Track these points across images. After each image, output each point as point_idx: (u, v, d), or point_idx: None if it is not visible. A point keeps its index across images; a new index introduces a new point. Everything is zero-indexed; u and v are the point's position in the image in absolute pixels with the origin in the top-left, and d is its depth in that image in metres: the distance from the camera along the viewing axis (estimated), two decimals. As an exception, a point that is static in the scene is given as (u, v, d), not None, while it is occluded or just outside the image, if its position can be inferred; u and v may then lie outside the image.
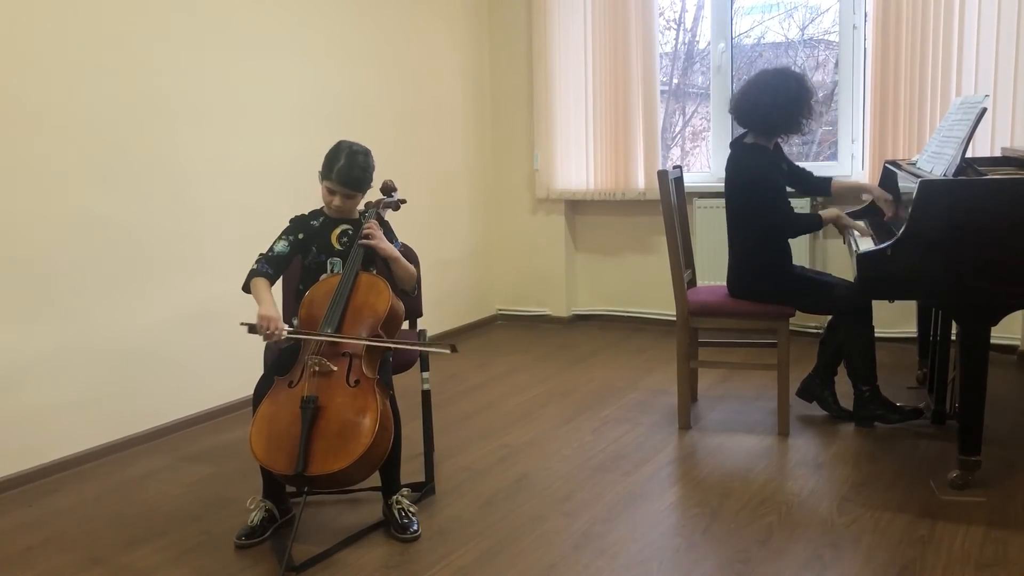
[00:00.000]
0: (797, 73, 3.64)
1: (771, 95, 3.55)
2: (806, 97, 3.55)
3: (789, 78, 3.57)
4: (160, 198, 3.85)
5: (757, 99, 3.58)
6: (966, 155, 3.09)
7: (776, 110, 3.55)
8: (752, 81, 3.68)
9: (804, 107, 3.55)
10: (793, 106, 3.54)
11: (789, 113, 3.55)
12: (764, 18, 5.57)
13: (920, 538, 2.70)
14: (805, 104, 3.55)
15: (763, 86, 3.59)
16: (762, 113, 3.58)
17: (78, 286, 3.57)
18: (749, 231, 3.67)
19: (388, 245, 2.98)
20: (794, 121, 3.58)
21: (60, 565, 2.76)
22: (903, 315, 4.59)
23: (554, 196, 5.77)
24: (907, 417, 3.60)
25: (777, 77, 3.59)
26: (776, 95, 3.54)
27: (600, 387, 4.44)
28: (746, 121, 3.66)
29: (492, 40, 5.88)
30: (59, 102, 3.47)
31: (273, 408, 2.72)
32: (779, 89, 3.54)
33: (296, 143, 4.38)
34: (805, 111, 3.56)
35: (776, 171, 3.64)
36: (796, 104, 3.54)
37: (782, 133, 3.66)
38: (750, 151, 3.66)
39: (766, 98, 3.55)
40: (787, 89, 3.54)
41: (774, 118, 3.57)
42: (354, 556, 2.73)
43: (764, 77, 3.63)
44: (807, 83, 3.59)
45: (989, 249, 2.82)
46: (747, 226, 3.67)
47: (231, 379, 4.08)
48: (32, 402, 3.44)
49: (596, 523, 2.91)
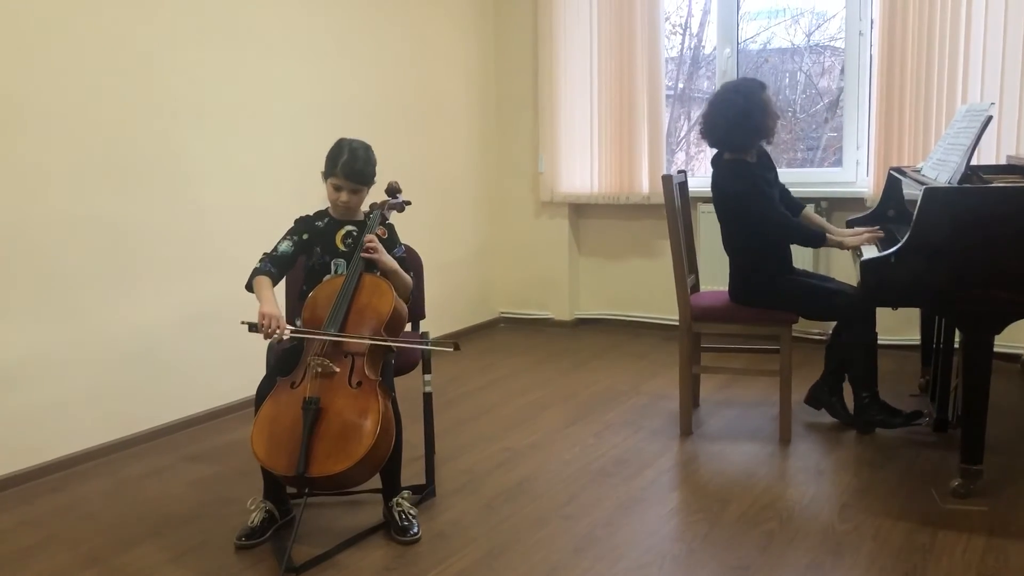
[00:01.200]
0: (748, 84, 3.62)
1: (722, 114, 3.58)
2: (755, 109, 3.54)
3: (737, 92, 3.57)
4: (164, 198, 3.86)
5: (714, 120, 3.61)
6: (971, 163, 3.09)
7: (732, 127, 3.56)
8: (708, 102, 3.72)
9: (756, 118, 3.54)
10: (745, 120, 3.54)
11: (744, 127, 3.55)
12: (770, 23, 5.57)
13: (921, 546, 2.69)
14: (757, 115, 3.54)
15: (716, 104, 3.63)
16: (720, 133, 3.61)
17: (81, 285, 3.57)
18: (745, 243, 3.66)
19: (389, 259, 2.98)
20: (754, 132, 3.57)
21: (60, 564, 2.76)
22: (906, 322, 4.58)
23: (558, 199, 5.77)
24: (908, 420, 3.59)
25: (728, 94, 3.61)
26: (727, 112, 3.56)
27: (602, 391, 4.44)
28: (711, 141, 3.68)
29: (498, 42, 5.89)
30: (63, 101, 3.48)
31: (275, 409, 2.72)
32: (729, 105, 3.56)
33: (300, 144, 4.38)
34: (760, 120, 3.55)
35: (760, 182, 3.60)
36: (747, 117, 3.53)
37: (751, 145, 3.63)
38: (729, 167, 3.64)
39: (719, 118, 3.59)
40: (734, 104, 3.54)
41: (733, 135, 3.58)
42: (354, 558, 2.73)
43: (714, 97, 3.69)
44: (757, 93, 3.56)
45: (993, 257, 2.82)
46: (742, 239, 3.66)
47: (233, 379, 4.09)
48: (34, 400, 3.45)
49: (596, 527, 2.90)
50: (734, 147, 3.62)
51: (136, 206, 3.75)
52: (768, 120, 3.57)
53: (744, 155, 3.63)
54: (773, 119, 3.59)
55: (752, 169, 3.62)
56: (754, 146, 3.64)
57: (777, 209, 3.62)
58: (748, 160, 3.63)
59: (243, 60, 4.17)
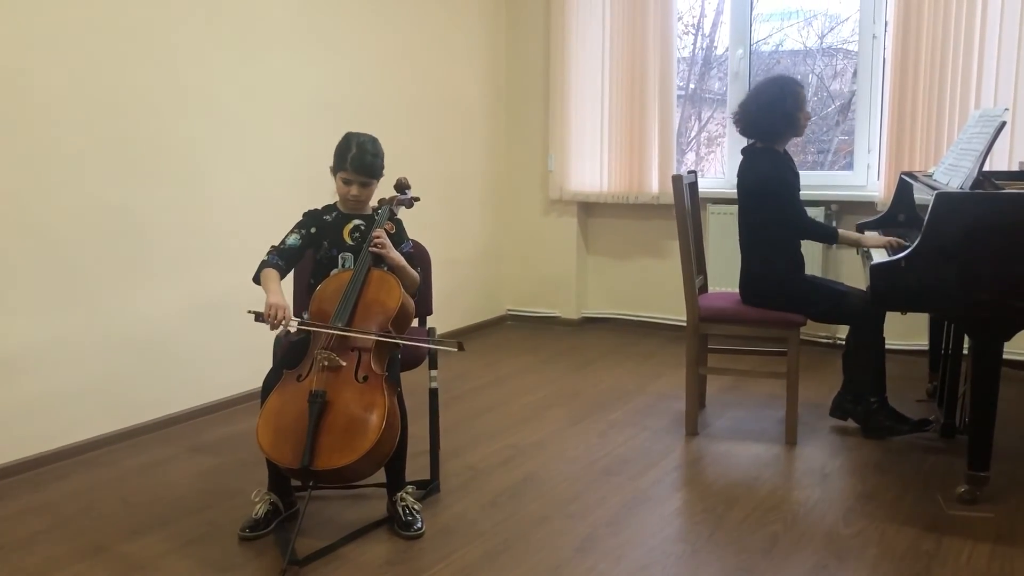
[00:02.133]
0: (783, 78, 3.74)
1: (756, 99, 3.70)
2: (788, 97, 3.63)
3: (773, 84, 3.71)
4: (174, 189, 3.87)
5: (747, 105, 3.72)
6: (983, 168, 3.07)
7: (762, 115, 3.65)
8: (746, 95, 3.85)
9: (788, 109, 3.62)
10: (778, 105, 3.62)
11: (776, 113, 3.63)
12: (783, 25, 5.55)
13: (926, 552, 2.68)
14: (789, 105, 3.62)
15: (751, 97, 3.76)
16: (752, 120, 3.69)
17: (88, 275, 3.58)
18: (763, 236, 3.66)
19: (396, 254, 2.98)
20: (782, 120, 3.64)
21: (64, 552, 2.77)
22: (915, 327, 4.56)
23: (567, 198, 5.76)
24: (915, 428, 3.59)
25: (763, 84, 3.77)
26: (760, 98, 3.67)
27: (608, 390, 4.43)
28: (743, 129, 3.75)
29: (509, 38, 5.88)
30: (73, 92, 3.48)
31: (281, 401, 2.72)
32: (763, 95, 3.67)
33: (309, 137, 4.38)
34: (790, 112, 3.63)
35: (788, 172, 3.67)
36: (780, 102, 3.62)
37: (779, 137, 3.69)
38: (760, 153, 3.69)
39: (754, 108, 3.68)
40: (768, 91, 3.66)
41: (763, 123, 3.66)
42: (357, 552, 2.73)
43: (752, 89, 3.87)
44: (792, 86, 3.66)
45: (1004, 263, 2.80)
46: (762, 231, 3.67)
47: (240, 371, 4.09)
48: (41, 389, 3.46)
49: (600, 526, 2.90)
50: (763, 133, 3.68)
51: (145, 197, 3.76)
52: (799, 112, 3.65)
53: (774, 146, 3.68)
54: (804, 114, 3.68)
55: (782, 159, 3.69)
56: (783, 136, 3.70)
57: (797, 199, 3.67)
58: (778, 151, 3.69)
59: (253, 53, 4.17)
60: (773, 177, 3.62)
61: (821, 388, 4.20)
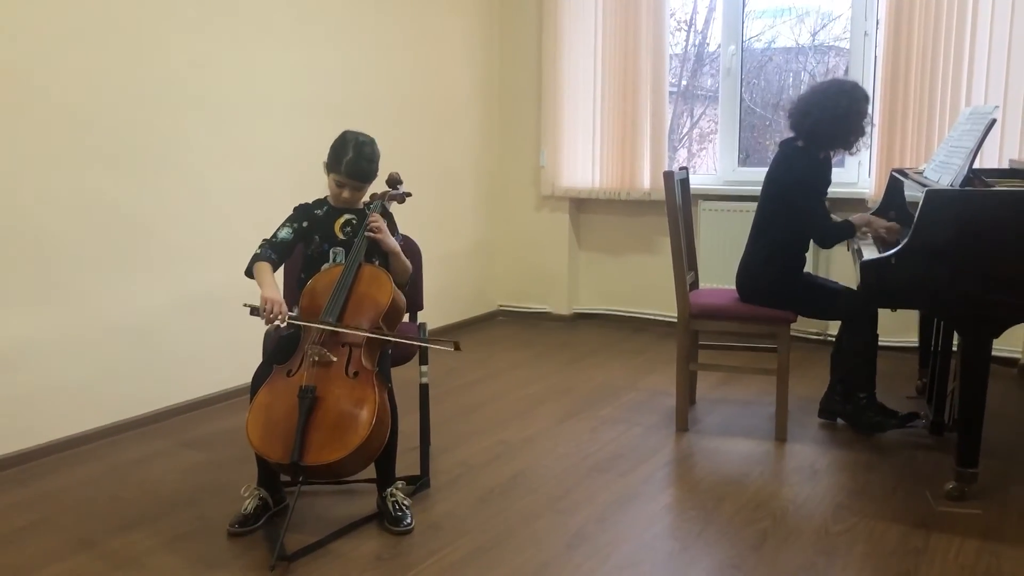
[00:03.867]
0: (856, 91, 3.56)
1: (821, 107, 3.51)
2: (854, 118, 3.51)
3: (843, 94, 3.52)
4: (164, 184, 3.85)
5: (808, 108, 3.55)
6: (974, 166, 3.08)
7: (823, 123, 3.52)
8: (811, 88, 3.66)
9: (851, 125, 3.52)
10: (840, 123, 3.51)
11: (835, 128, 3.52)
12: (775, 22, 5.56)
13: (915, 549, 2.69)
14: (852, 122, 3.52)
15: (818, 96, 3.55)
16: (809, 124, 3.55)
17: (79, 269, 3.57)
18: (778, 232, 3.63)
19: (392, 240, 2.98)
20: (840, 137, 3.55)
21: (52, 546, 2.76)
22: (904, 324, 4.58)
23: (559, 194, 5.76)
24: (904, 422, 3.59)
25: (832, 89, 3.56)
26: (825, 108, 3.50)
27: (599, 386, 4.44)
28: (796, 128, 3.62)
29: (502, 35, 5.87)
30: (68, 88, 3.47)
31: (271, 396, 2.71)
32: (829, 102, 3.51)
33: (302, 132, 4.37)
34: (852, 129, 3.53)
35: (821, 179, 3.60)
36: (844, 121, 3.51)
37: (829, 146, 3.61)
38: (799, 152, 3.61)
39: (816, 110, 3.52)
40: (836, 105, 3.49)
41: (820, 130, 3.54)
42: (347, 547, 2.73)
43: (822, 87, 3.61)
44: (861, 103, 3.53)
45: (993, 261, 2.81)
46: (777, 225, 3.63)
47: (230, 366, 4.08)
48: (31, 383, 3.44)
49: (590, 523, 2.90)
50: (814, 140, 3.58)
51: (136, 191, 3.74)
52: (858, 134, 3.55)
53: (817, 150, 3.60)
54: (861, 134, 3.57)
55: (818, 163, 3.61)
56: (834, 147, 3.62)
57: (824, 208, 3.62)
58: (818, 155, 3.61)
59: (245, 46, 4.16)
60: (805, 182, 3.55)
61: (811, 384, 4.21)
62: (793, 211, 3.59)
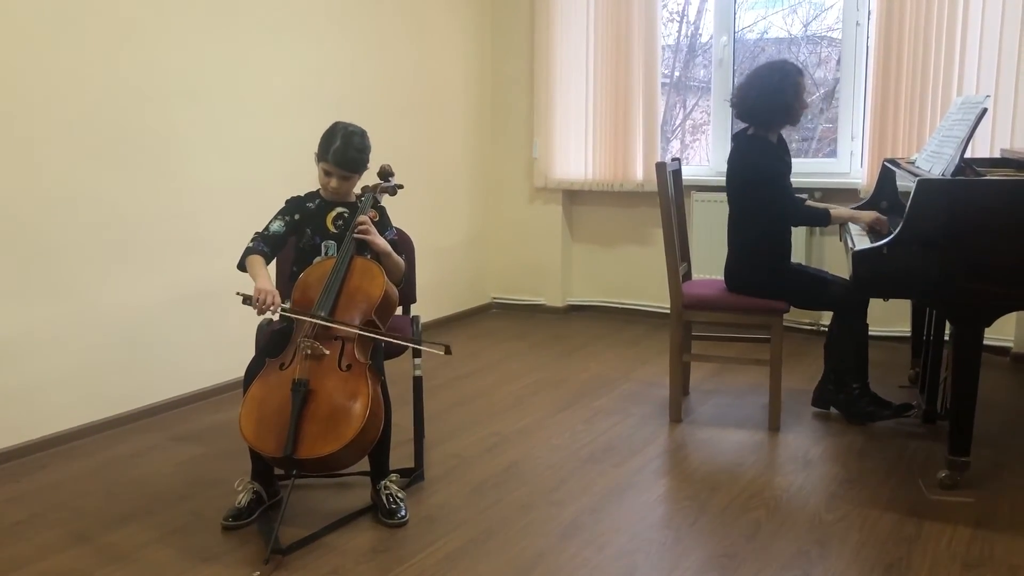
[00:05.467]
0: (787, 66, 3.65)
1: (757, 87, 3.62)
2: (789, 89, 3.57)
3: (775, 70, 3.62)
4: (156, 177, 3.84)
5: (746, 92, 3.65)
6: (965, 155, 3.08)
7: (761, 102, 3.60)
8: (748, 74, 3.77)
9: (787, 98, 3.57)
10: (776, 95, 3.57)
11: (773, 103, 3.58)
12: (767, 13, 5.55)
13: (907, 537, 2.70)
14: (788, 95, 3.57)
15: (752, 78, 3.68)
16: (749, 105, 3.64)
17: (70, 264, 3.55)
18: (751, 224, 3.66)
19: (381, 240, 2.96)
20: (779, 111, 3.60)
21: (47, 541, 2.75)
22: (897, 314, 4.59)
23: (552, 185, 5.75)
24: (897, 413, 3.61)
25: (764, 69, 3.68)
26: (761, 87, 3.60)
27: (593, 378, 4.44)
28: (738, 113, 3.71)
29: (494, 26, 5.85)
30: (55, 82, 3.45)
31: (264, 390, 2.71)
32: (764, 80, 3.61)
33: (293, 125, 4.36)
34: (789, 102, 3.57)
35: (777, 161, 3.64)
36: (778, 93, 3.57)
37: (774, 125, 3.66)
38: (750, 141, 3.67)
39: (752, 91, 3.63)
40: (771, 81, 3.59)
41: (759, 109, 3.61)
42: (341, 540, 2.73)
43: (756, 70, 3.73)
44: (793, 75, 3.60)
45: (985, 250, 2.82)
46: (749, 218, 3.66)
47: (223, 360, 4.07)
48: (23, 378, 3.43)
49: (584, 513, 2.91)
50: (759, 121, 3.64)
51: (126, 186, 3.73)
52: (797, 103, 3.60)
53: (767, 133, 3.65)
54: (801, 104, 3.63)
55: (772, 148, 3.65)
56: (778, 125, 3.67)
57: (786, 187, 3.65)
58: (770, 139, 3.66)
59: (236, 40, 4.14)
60: (761, 166, 3.60)
61: (804, 375, 4.22)
62: (758, 196, 3.61)
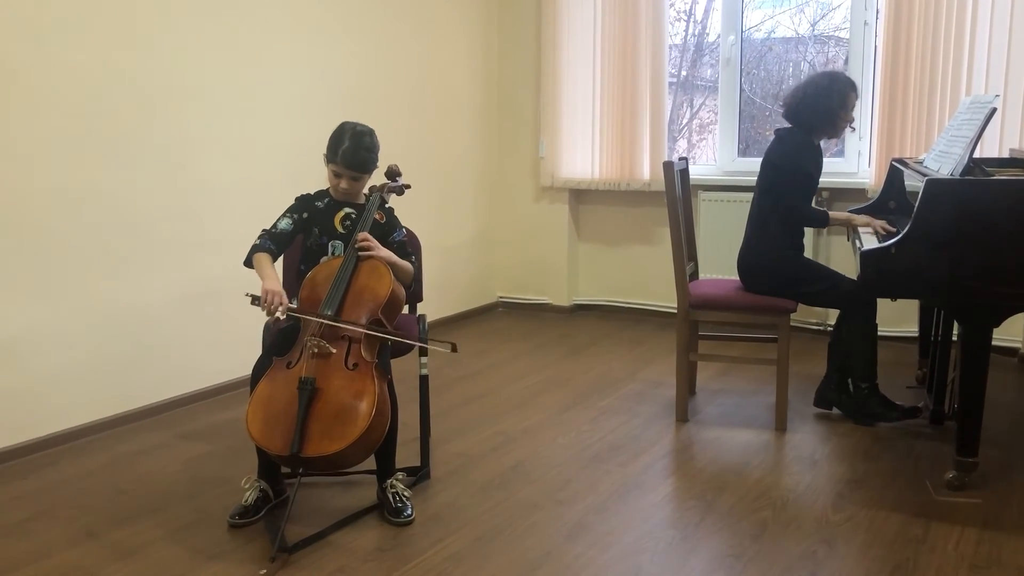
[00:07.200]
0: (841, 76, 3.73)
1: (805, 88, 3.68)
2: (836, 95, 3.62)
3: (827, 76, 3.71)
4: (164, 175, 3.84)
5: (796, 92, 3.71)
6: (974, 155, 3.07)
7: (807, 103, 3.65)
8: (803, 79, 3.84)
9: (832, 103, 3.62)
10: (822, 100, 3.62)
11: (816, 107, 3.63)
12: (775, 12, 5.54)
13: (914, 538, 2.69)
14: (834, 100, 3.62)
15: (806, 80, 3.75)
16: (795, 104, 3.69)
17: (77, 261, 3.56)
18: (770, 212, 3.69)
19: (385, 252, 2.96)
20: (820, 115, 3.64)
21: (54, 538, 2.76)
22: (905, 314, 4.58)
23: (558, 184, 5.75)
24: (905, 415, 3.60)
25: (819, 74, 3.76)
26: (809, 89, 3.66)
27: (599, 377, 4.44)
28: (785, 112, 3.76)
29: (501, 26, 5.85)
30: (59, 75, 3.46)
31: (270, 388, 2.71)
32: (815, 83, 3.67)
33: (301, 124, 4.36)
34: (833, 108, 3.62)
35: (810, 160, 3.67)
36: (825, 99, 3.62)
37: (815, 129, 3.69)
38: (792, 134, 3.72)
39: (800, 91, 3.68)
40: (821, 84, 3.65)
41: (804, 110, 3.66)
42: (347, 538, 2.73)
43: (811, 74, 3.84)
44: (843, 85, 3.65)
45: (993, 250, 2.81)
46: (770, 205, 3.69)
47: (230, 358, 4.08)
48: (31, 376, 3.44)
49: (590, 513, 2.91)
50: (801, 121, 3.69)
51: (133, 183, 3.74)
52: (841, 111, 3.65)
53: (808, 136, 3.69)
54: (846, 115, 3.68)
55: (809, 147, 3.69)
56: (819, 131, 3.71)
57: (805, 189, 3.69)
58: (813, 142, 3.70)
59: (243, 38, 4.14)
60: (792, 157, 3.64)
61: (812, 375, 4.21)
62: (781, 186, 3.65)
